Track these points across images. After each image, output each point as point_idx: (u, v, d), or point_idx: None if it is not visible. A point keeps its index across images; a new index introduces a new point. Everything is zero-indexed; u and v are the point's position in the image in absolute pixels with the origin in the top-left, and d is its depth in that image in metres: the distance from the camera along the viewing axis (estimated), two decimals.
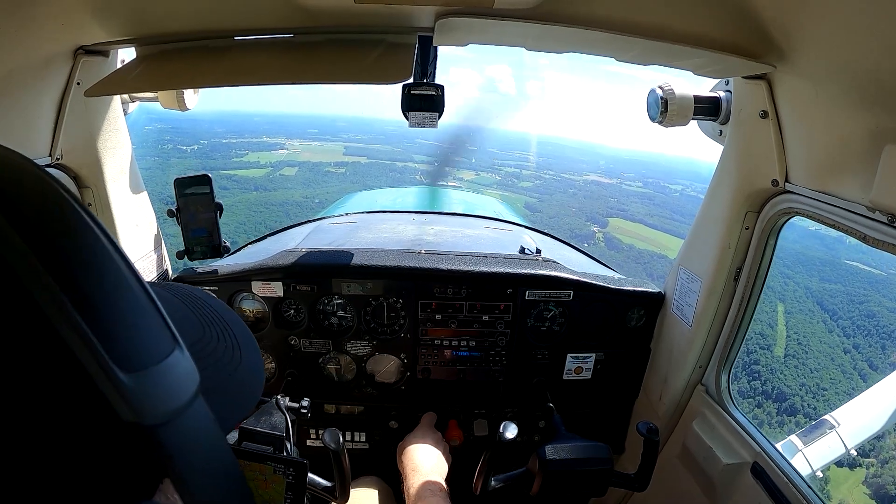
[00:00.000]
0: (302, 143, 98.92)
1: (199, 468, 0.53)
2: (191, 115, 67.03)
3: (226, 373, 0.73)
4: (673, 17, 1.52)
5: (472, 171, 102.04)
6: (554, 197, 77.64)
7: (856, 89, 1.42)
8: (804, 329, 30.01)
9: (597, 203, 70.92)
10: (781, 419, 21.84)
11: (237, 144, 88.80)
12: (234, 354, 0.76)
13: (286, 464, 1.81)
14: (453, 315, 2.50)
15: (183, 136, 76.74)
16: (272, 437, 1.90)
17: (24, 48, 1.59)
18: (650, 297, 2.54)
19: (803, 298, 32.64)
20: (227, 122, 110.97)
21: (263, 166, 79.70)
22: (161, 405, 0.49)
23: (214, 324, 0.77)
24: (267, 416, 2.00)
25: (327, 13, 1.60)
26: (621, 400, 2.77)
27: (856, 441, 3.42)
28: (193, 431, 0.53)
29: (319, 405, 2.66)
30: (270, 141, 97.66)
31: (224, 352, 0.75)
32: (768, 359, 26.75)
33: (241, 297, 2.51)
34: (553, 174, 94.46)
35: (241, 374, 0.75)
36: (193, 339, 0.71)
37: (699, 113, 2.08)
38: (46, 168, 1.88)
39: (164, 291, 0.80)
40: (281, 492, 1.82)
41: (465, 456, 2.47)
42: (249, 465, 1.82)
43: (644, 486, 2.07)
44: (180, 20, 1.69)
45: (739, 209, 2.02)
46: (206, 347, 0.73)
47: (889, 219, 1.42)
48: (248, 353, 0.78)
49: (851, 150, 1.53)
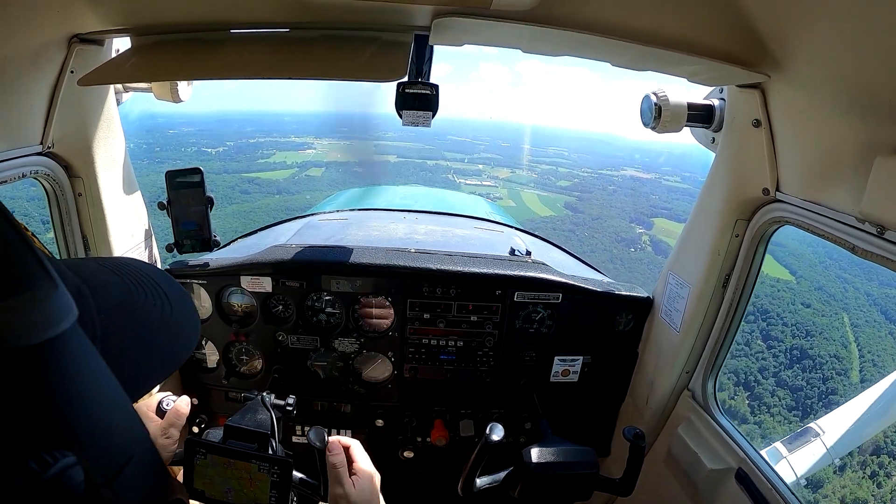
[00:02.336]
0: (331, 142, 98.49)
1: (77, 400, 0.56)
2: (221, 115, 66.83)
3: (156, 325, 0.80)
4: (669, 23, 1.53)
5: (506, 168, 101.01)
6: (593, 195, 76.69)
7: (849, 101, 1.43)
8: (875, 345, 29.30)
9: (638, 201, 69.63)
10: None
11: (265, 144, 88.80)
12: (164, 310, 0.82)
13: (271, 462, 1.80)
14: (442, 315, 2.50)
15: (208, 139, 76.30)
16: (257, 435, 1.89)
17: (19, 35, 1.57)
18: (639, 302, 2.55)
19: (866, 307, 32.00)
20: (258, 121, 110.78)
21: (290, 167, 79.32)
22: (26, 332, 0.50)
23: (143, 285, 0.83)
24: (252, 413, 1.99)
25: (324, 8, 1.60)
26: (608, 403, 2.78)
27: (840, 449, 3.45)
28: (68, 363, 0.55)
29: (306, 402, 2.66)
30: (298, 140, 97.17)
31: (153, 308, 0.81)
32: (845, 386, 26.23)
33: (229, 292, 2.50)
34: (590, 171, 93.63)
35: (172, 326, 0.83)
36: (118, 301, 0.77)
37: (692, 120, 2.09)
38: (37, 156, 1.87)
39: (91, 263, 0.86)
40: (266, 489, 1.81)
41: (450, 456, 2.47)
42: (234, 463, 1.81)
43: (629, 491, 2.07)
44: (176, 11, 1.67)
45: (730, 217, 2.03)
46: (131, 306, 0.79)
47: (878, 230, 1.43)
48: (179, 307, 0.85)
49: (842, 161, 1.54)
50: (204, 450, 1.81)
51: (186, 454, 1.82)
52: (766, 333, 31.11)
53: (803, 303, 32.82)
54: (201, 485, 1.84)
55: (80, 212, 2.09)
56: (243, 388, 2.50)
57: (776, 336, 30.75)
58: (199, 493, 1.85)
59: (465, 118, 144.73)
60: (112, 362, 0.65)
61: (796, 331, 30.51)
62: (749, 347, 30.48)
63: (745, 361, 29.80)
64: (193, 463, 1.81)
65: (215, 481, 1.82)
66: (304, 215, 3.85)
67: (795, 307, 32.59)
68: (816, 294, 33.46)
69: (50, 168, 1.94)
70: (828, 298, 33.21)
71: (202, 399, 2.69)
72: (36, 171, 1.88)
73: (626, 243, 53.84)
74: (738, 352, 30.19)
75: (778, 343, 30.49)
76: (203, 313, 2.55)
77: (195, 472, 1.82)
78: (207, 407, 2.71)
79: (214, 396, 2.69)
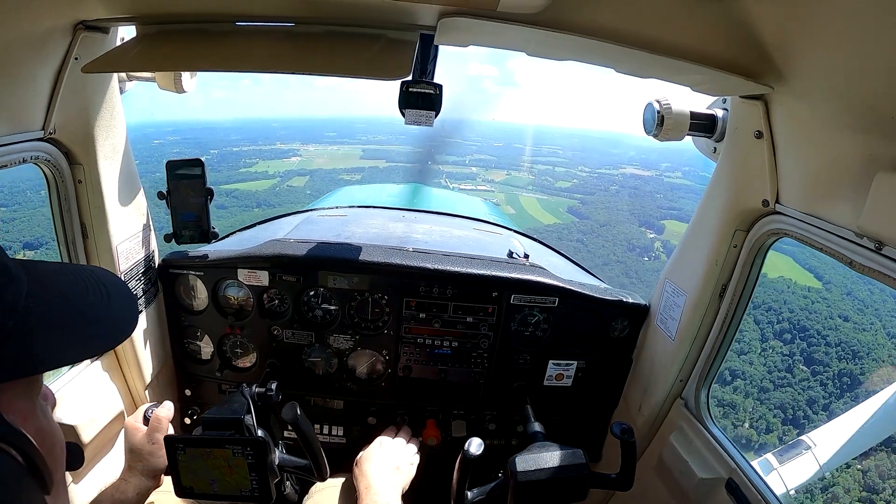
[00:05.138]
0: (317, 148, 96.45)
1: None
2: (207, 124, 66.18)
3: (94, 312, 0.90)
4: (675, 32, 1.53)
5: (501, 170, 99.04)
6: (596, 197, 74.84)
7: (851, 115, 1.43)
8: None
9: (645, 202, 67.70)
10: None
11: (248, 153, 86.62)
12: (103, 301, 0.92)
13: (243, 444, 1.80)
14: (437, 315, 2.51)
15: (192, 148, 74.76)
16: (231, 422, 1.89)
17: (25, 20, 1.57)
18: (635, 309, 2.55)
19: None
20: (245, 128, 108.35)
21: (271, 177, 77.38)
22: None
23: (88, 281, 0.93)
24: (229, 403, 1.99)
25: (330, 4, 1.59)
26: (600, 408, 2.78)
27: (832, 462, 3.45)
28: None
29: (299, 397, 2.66)
30: (284, 147, 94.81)
31: (94, 299, 0.91)
32: None
33: (226, 284, 2.50)
34: (589, 170, 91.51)
35: (110, 315, 0.92)
36: (62, 290, 0.88)
37: (695, 129, 2.09)
38: (39, 142, 1.87)
39: (51, 265, 0.96)
40: (245, 475, 1.82)
41: (442, 456, 2.47)
42: (212, 452, 1.81)
43: (628, 485, 2.07)
44: (182, 1, 1.67)
45: (729, 227, 2.03)
46: (73, 297, 0.89)
47: (876, 245, 1.43)
48: (119, 301, 0.95)
49: (843, 176, 1.54)
50: (181, 444, 1.83)
51: (168, 452, 1.84)
52: (810, 357, 28.11)
53: (841, 315, 30.41)
54: (188, 481, 1.85)
55: (80, 199, 2.09)
56: (237, 382, 2.50)
57: (820, 360, 27.82)
58: (188, 490, 1.86)
59: (456, 118, 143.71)
60: (33, 334, 0.76)
61: (842, 352, 28.00)
62: (792, 375, 27.47)
63: (790, 393, 26.83)
64: (176, 460, 1.82)
65: (199, 475, 1.84)
66: (304, 210, 3.85)
67: (834, 321, 30.04)
68: (850, 302, 31.43)
69: (51, 154, 1.93)
70: (861, 307, 31.08)
71: (195, 390, 2.69)
72: (36, 157, 1.88)
73: (639, 252, 52.52)
74: (781, 380, 27.07)
75: (825, 369, 27.54)
76: (199, 305, 2.55)
77: (179, 468, 1.83)
78: (200, 398, 2.71)
79: (207, 388, 2.69)
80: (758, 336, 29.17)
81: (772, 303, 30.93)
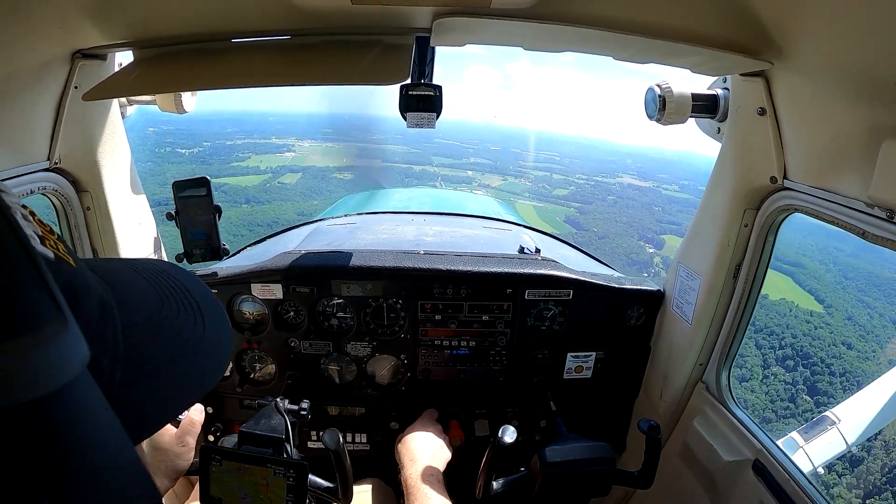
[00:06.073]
0: (312, 145, 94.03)
1: (75, 460, 0.45)
2: (203, 115, 63.04)
3: (187, 344, 0.70)
4: (670, 14, 1.52)
5: (498, 175, 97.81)
6: (594, 206, 74.07)
7: (853, 85, 1.42)
8: None
9: (643, 214, 67.24)
10: None
11: (241, 146, 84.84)
12: (196, 325, 0.72)
13: (286, 466, 1.81)
14: (453, 315, 2.50)
15: (185, 139, 72.87)
16: (271, 440, 1.89)
17: (22, 52, 1.59)
18: (650, 296, 2.54)
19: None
20: (241, 121, 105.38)
21: (263, 172, 75.96)
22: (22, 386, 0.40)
23: (175, 296, 0.73)
24: (266, 419, 1.99)
25: (324, 15, 1.60)
26: (622, 398, 2.77)
27: (857, 437, 3.42)
28: (68, 420, 0.45)
29: (321, 407, 2.66)
30: (278, 142, 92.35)
31: (185, 323, 0.71)
32: None
33: (240, 300, 2.51)
34: (586, 178, 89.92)
35: (204, 346, 0.72)
36: (148, 314, 0.68)
37: (697, 111, 2.08)
38: (45, 172, 1.88)
39: (118, 263, 0.77)
40: (282, 495, 1.82)
41: (466, 456, 2.47)
42: (249, 468, 1.81)
43: (648, 483, 2.07)
44: (177, 23, 1.69)
45: (738, 206, 2.02)
46: (162, 320, 0.69)
47: (888, 214, 1.42)
48: (212, 323, 0.75)
49: (849, 147, 1.53)
50: (219, 456, 1.82)
51: (202, 462, 1.83)
52: (813, 386, 26.92)
53: (844, 343, 29.09)
54: (217, 492, 1.85)
55: (90, 226, 2.11)
56: (257, 396, 2.51)
57: (825, 390, 26.35)
58: (216, 500, 1.86)
59: (454, 120, 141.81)
60: (136, 386, 0.59)
61: (846, 382, 26.49)
62: (795, 405, 25.96)
63: None
64: (209, 470, 1.82)
65: (231, 488, 1.83)
66: (312, 221, 3.86)
67: (838, 349, 28.78)
68: (851, 328, 30.36)
69: (58, 184, 1.95)
70: (864, 333, 30.08)
71: (217, 408, 2.70)
72: (44, 188, 1.90)
73: (638, 267, 51.22)
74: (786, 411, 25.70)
75: (829, 400, 25.43)
76: None
77: (211, 479, 1.83)
78: (222, 415, 2.71)
79: (229, 404, 2.70)
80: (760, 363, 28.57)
81: (774, 327, 30.38)
